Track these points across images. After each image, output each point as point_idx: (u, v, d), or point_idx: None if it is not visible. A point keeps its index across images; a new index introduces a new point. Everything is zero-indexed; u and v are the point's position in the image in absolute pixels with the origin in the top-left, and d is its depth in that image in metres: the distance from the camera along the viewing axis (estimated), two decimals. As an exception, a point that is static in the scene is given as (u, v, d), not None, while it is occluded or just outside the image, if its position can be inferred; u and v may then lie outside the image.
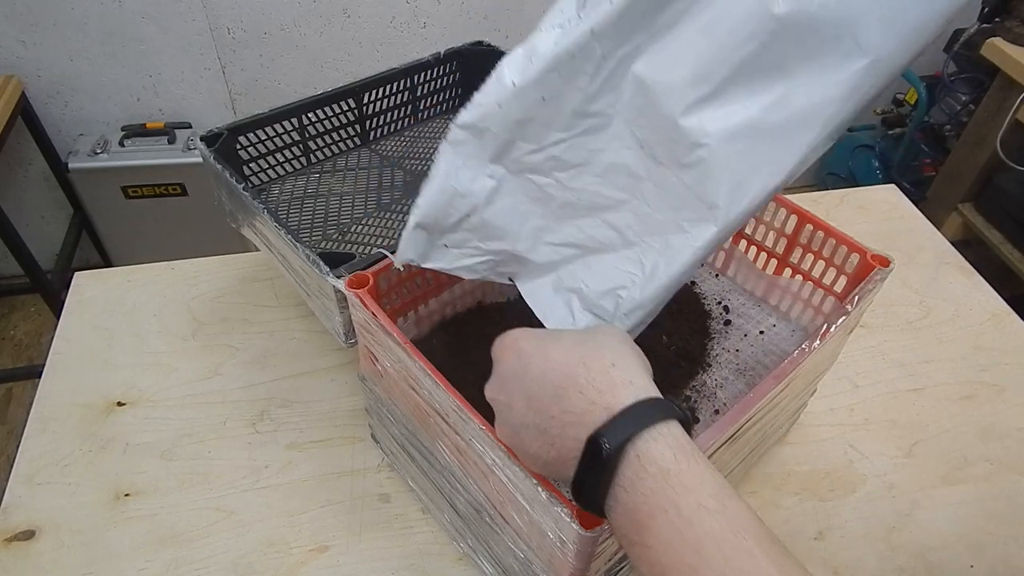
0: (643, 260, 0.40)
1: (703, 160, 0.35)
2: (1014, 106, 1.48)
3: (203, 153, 0.65)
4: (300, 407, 0.67)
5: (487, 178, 0.39)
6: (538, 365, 0.34)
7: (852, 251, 0.53)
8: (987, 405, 0.69)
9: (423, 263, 0.42)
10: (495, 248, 0.42)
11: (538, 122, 0.37)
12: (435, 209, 0.40)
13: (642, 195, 0.39)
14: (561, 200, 0.40)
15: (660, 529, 0.29)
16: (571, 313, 0.42)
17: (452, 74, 0.87)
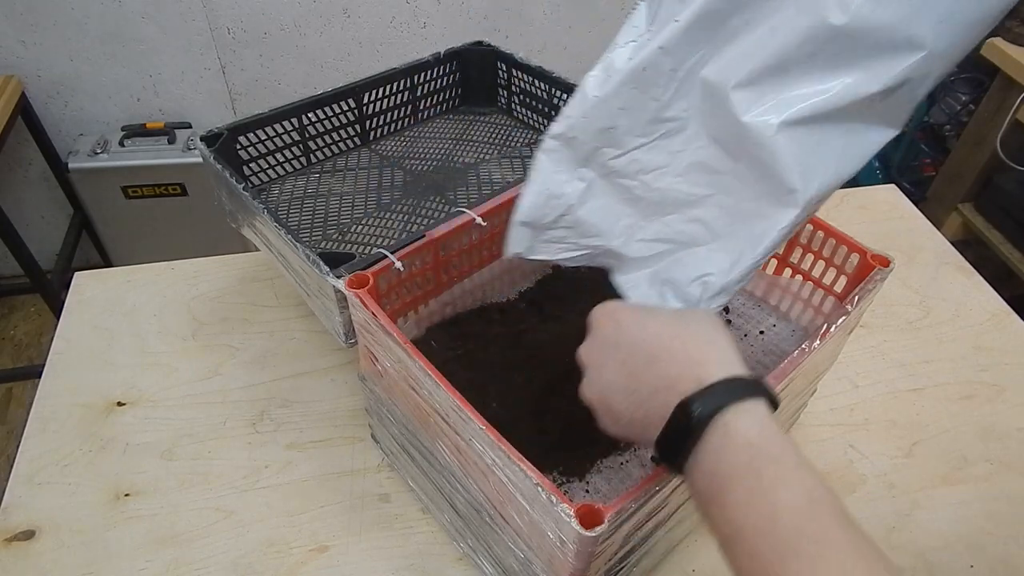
0: (729, 249, 0.43)
1: (773, 152, 0.38)
2: (1014, 106, 1.48)
3: (203, 153, 0.65)
4: (300, 407, 0.67)
5: (578, 181, 0.44)
6: (635, 333, 0.37)
7: (852, 251, 0.53)
8: (987, 405, 0.69)
9: (528, 256, 0.47)
10: (591, 244, 0.46)
11: (620, 130, 0.41)
12: (534, 209, 0.44)
13: (724, 188, 0.42)
14: (648, 200, 0.44)
15: (739, 493, 0.31)
16: (664, 302, 0.46)
17: (452, 74, 0.87)
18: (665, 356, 0.35)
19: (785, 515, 0.29)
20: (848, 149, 0.39)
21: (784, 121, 0.38)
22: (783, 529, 0.29)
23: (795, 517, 0.29)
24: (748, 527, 0.30)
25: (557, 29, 1.81)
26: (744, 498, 0.30)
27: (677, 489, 0.41)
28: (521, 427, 0.52)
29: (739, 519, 0.30)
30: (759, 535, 0.29)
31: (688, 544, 0.57)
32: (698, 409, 0.32)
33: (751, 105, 0.38)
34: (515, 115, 0.88)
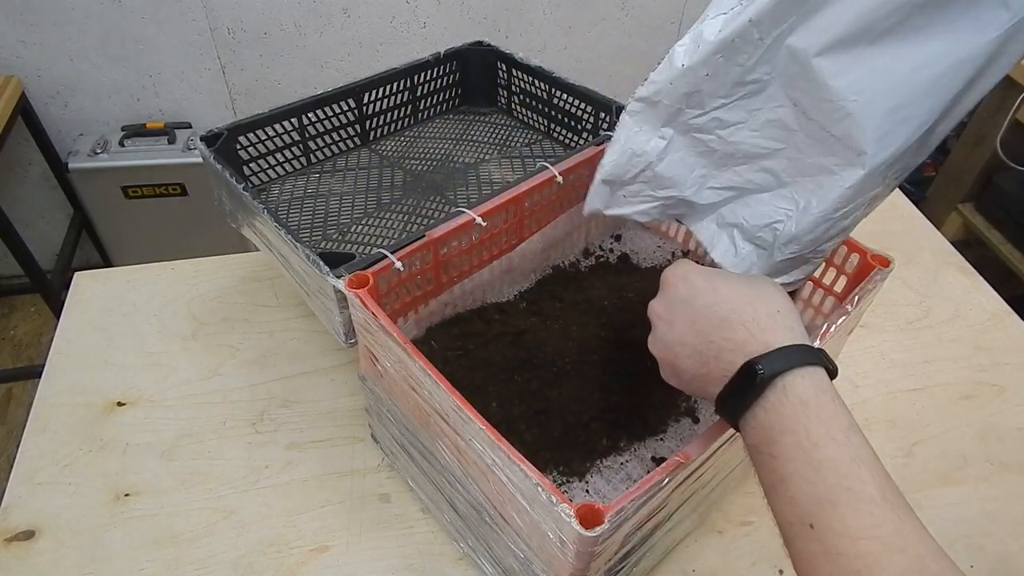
0: (796, 197, 0.45)
1: (851, 115, 0.40)
2: (1014, 106, 1.49)
3: (203, 153, 0.65)
4: (300, 407, 0.67)
5: (659, 139, 0.47)
6: (707, 296, 0.40)
7: (852, 251, 0.53)
8: (987, 405, 0.69)
9: (606, 211, 0.50)
10: (666, 195, 0.49)
11: (703, 93, 0.44)
12: (616, 168, 0.48)
13: (795, 144, 0.44)
14: (722, 152, 0.47)
15: (788, 445, 0.34)
16: (733, 244, 0.49)
17: (452, 74, 0.87)
18: (735, 320, 0.38)
19: (827, 468, 0.32)
20: (925, 114, 0.39)
21: (870, 87, 0.39)
22: (823, 480, 0.32)
23: (836, 471, 0.32)
24: (792, 475, 0.33)
25: (557, 29, 1.81)
26: (792, 451, 0.33)
27: (677, 489, 0.41)
28: (521, 427, 0.52)
29: (785, 468, 0.33)
30: (801, 483, 0.32)
31: (688, 544, 0.57)
32: (762, 370, 0.35)
33: (833, 71, 0.40)
34: (515, 115, 0.88)
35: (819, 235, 0.45)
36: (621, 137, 0.47)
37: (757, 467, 0.36)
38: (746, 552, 0.57)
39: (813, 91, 0.41)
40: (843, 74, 0.39)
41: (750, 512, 0.60)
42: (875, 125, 0.40)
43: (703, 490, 0.49)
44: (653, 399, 0.55)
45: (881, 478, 0.32)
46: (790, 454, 0.33)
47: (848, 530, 0.30)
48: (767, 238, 0.47)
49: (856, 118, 0.40)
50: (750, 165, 0.47)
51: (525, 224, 0.61)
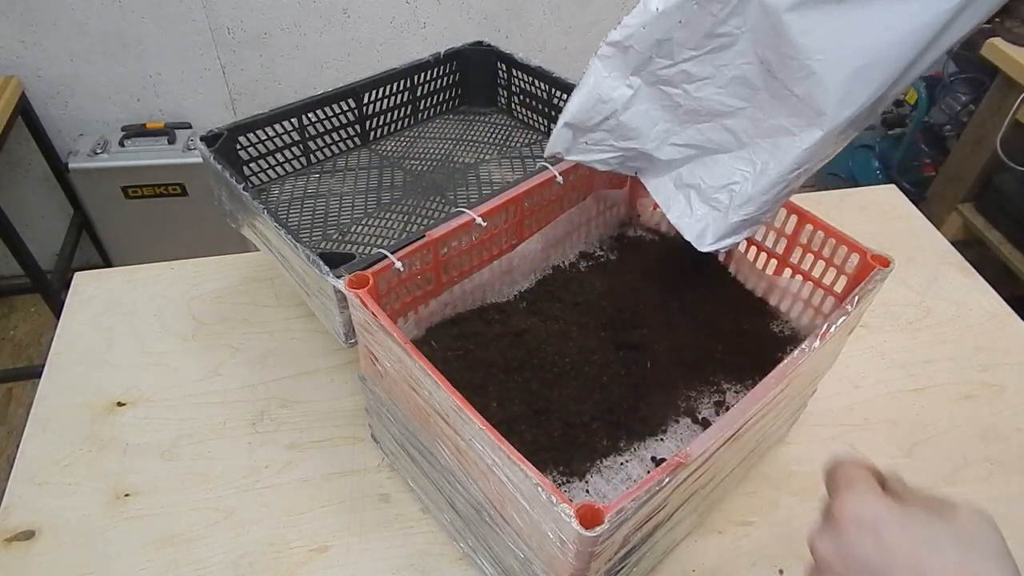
0: (754, 159, 0.46)
1: (815, 74, 0.40)
2: (1014, 106, 1.48)
3: (203, 153, 0.65)
4: (300, 407, 0.67)
5: (626, 87, 0.46)
6: (906, 572, 0.31)
7: (852, 251, 0.53)
8: (987, 405, 0.69)
9: (567, 156, 0.50)
10: (627, 146, 0.49)
11: (675, 42, 0.44)
12: (581, 112, 0.47)
13: (758, 103, 0.45)
14: (686, 107, 0.47)
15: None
16: (689, 204, 0.50)
17: (452, 74, 0.87)
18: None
19: None
20: (885, 76, 0.40)
21: (835, 47, 0.39)
22: None
23: None
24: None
25: (557, 29, 1.81)
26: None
27: (677, 489, 0.41)
28: (521, 427, 0.52)
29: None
30: None
31: (688, 544, 0.57)
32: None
33: (801, 28, 0.40)
34: (515, 115, 0.88)
35: (773, 196, 0.46)
36: (589, 81, 0.47)
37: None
38: (746, 552, 0.57)
39: (781, 47, 0.41)
40: (811, 31, 0.40)
41: (750, 512, 0.60)
42: (837, 86, 0.40)
43: (703, 490, 0.49)
44: (653, 399, 0.55)
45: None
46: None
47: None
48: (723, 199, 0.48)
49: (820, 77, 0.40)
50: (713, 123, 0.47)
51: (525, 224, 0.61)
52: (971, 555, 0.31)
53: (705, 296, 0.62)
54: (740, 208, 0.47)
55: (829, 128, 0.41)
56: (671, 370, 0.57)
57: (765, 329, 0.61)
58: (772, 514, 0.60)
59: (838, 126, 0.41)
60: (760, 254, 0.62)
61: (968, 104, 1.73)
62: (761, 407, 0.43)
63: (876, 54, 0.39)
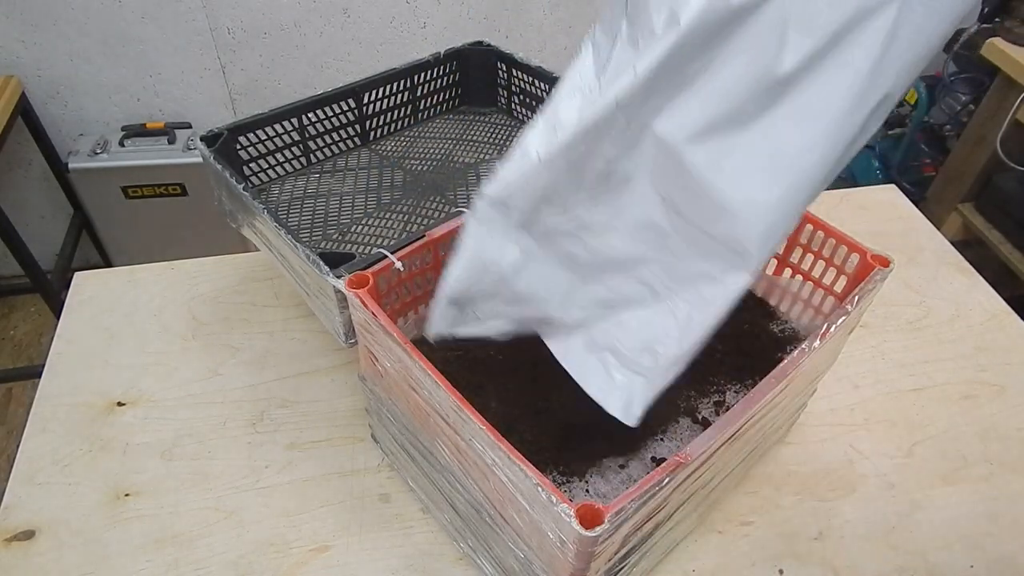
0: (676, 314, 0.40)
1: (730, 212, 0.35)
2: (1014, 106, 1.49)
3: (203, 153, 0.65)
4: (300, 407, 0.67)
5: (515, 247, 0.40)
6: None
7: (852, 251, 0.53)
8: (987, 405, 0.69)
9: (455, 333, 0.43)
10: (525, 314, 0.43)
11: (562, 189, 0.38)
12: (465, 284, 0.41)
13: (669, 249, 0.39)
14: (589, 262, 0.41)
15: None
16: (608, 373, 0.42)
17: (452, 74, 0.87)
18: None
19: None
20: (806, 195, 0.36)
21: (749, 177, 0.35)
22: None
23: None
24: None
25: (557, 29, 1.81)
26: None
27: (677, 489, 0.41)
28: (521, 427, 0.52)
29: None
30: None
31: (688, 544, 0.57)
32: None
33: (706, 161, 0.35)
34: (515, 115, 0.88)
35: (699, 347, 0.40)
36: (469, 246, 0.40)
37: None
38: (746, 552, 0.57)
39: (686, 185, 0.36)
40: (717, 165, 0.35)
41: (750, 512, 0.60)
42: (758, 220, 0.35)
43: (703, 490, 0.49)
44: (653, 399, 0.55)
45: None
46: None
47: None
48: (646, 363, 0.41)
49: (737, 215, 0.35)
50: (623, 276, 0.41)
51: (525, 224, 0.61)
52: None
53: None
54: (668, 370, 0.40)
55: (755, 268, 0.36)
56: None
57: (765, 329, 0.61)
58: (772, 514, 0.60)
59: (764, 262, 0.36)
60: (760, 254, 0.62)
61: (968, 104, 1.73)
62: (761, 407, 0.43)
63: (798, 179, 0.34)
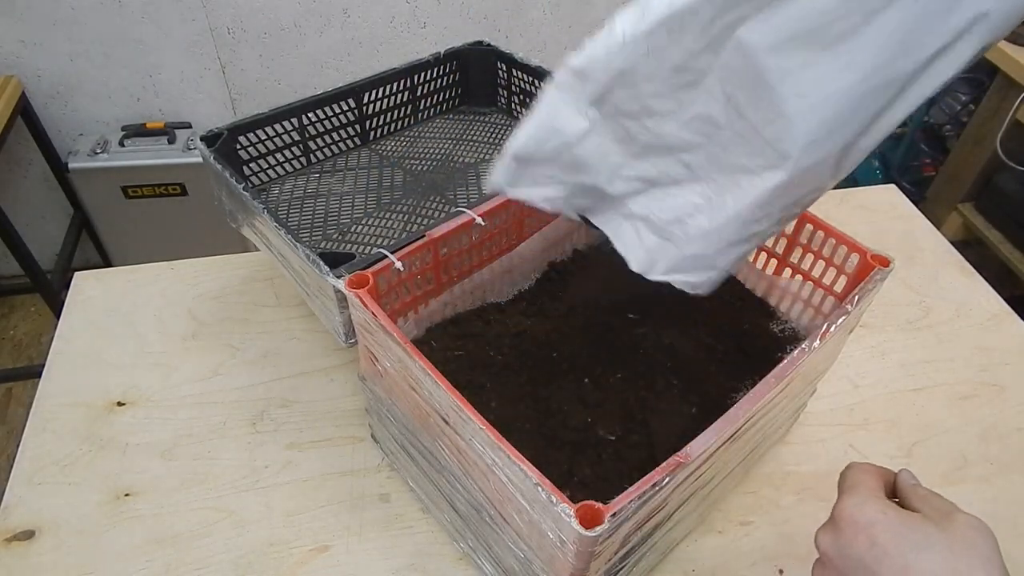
0: (711, 193, 0.43)
1: (786, 118, 0.38)
2: (1014, 106, 1.49)
3: (203, 153, 0.65)
4: (300, 407, 0.67)
5: (583, 119, 0.42)
6: (893, 573, 0.34)
7: (852, 251, 0.53)
8: (987, 405, 0.69)
9: (510, 190, 0.45)
10: (576, 180, 0.45)
11: (638, 74, 0.40)
12: (532, 143, 0.43)
13: (719, 141, 0.42)
14: (643, 142, 0.43)
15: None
16: (638, 235, 0.46)
17: (452, 74, 0.87)
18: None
19: None
20: (857, 124, 0.38)
21: (811, 93, 0.37)
22: None
23: None
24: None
25: (557, 29, 1.81)
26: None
27: (677, 489, 0.41)
28: (521, 427, 0.52)
29: None
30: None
31: (688, 544, 0.57)
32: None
33: (778, 70, 0.37)
34: (515, 115, 0.88)
35: (728, 237, 0.43)
36: (543, 110, 0.43)
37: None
38: (746, 552, 0.57)
39: (754, 88, 0.38)
40: (790, 75, 0.37)
41: (750, 512, 0.60)
42: (807, 131, 0.38)
43: (703, 490, 0.49)
44: (652, 399, 0.55)
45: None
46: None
47: None
48: (676, 232, 0.44)
49: (791, 121, 0.38)
50: (670, 158, 0.44)
51: (525, 224, 0.61)
52: (960, 561, 0.33)
53: (705, 296, 0.62)
54: (694, 242, 0.43)
55: (792, 172, 0.39)
56: (670, 370, 0.57)
57: (765, 329, 0.61)
58: (772, 514, 0.60)
59: (801, 171, 0.39)
60: (760, 254, 0.62)
61: (968, 104, 1.73)
62: (761, 407, 0.44)
63: (848, 104, 0.37)
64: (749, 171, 0.41)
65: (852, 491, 0.39)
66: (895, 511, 0.37)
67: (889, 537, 0.35)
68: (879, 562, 0.35)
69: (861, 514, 0.37)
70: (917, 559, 0.34)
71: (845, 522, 0.37)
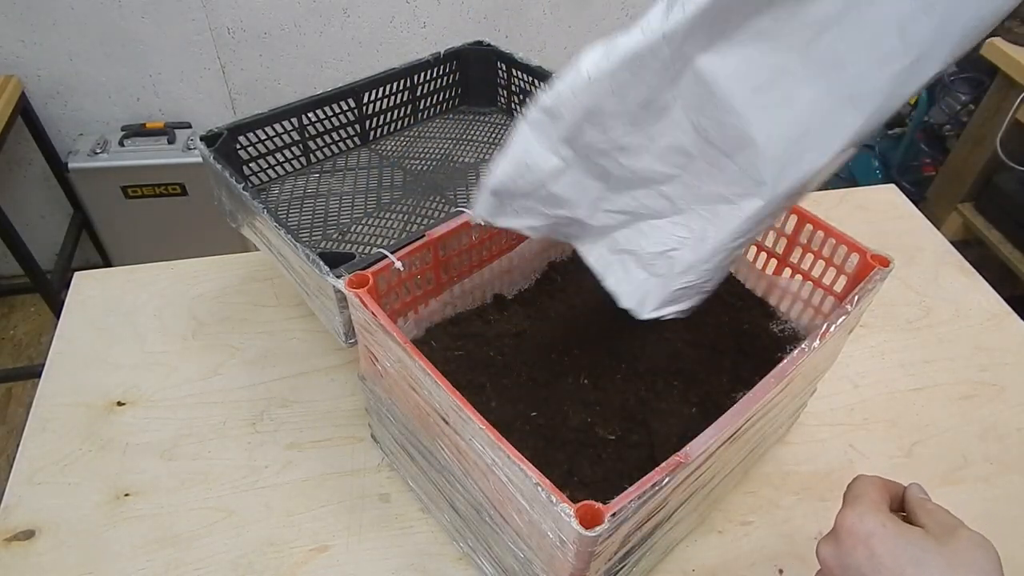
0: (692, 225, 0.44)
1: (754, 144, 0.39)
2: (1014, 106, 1.48)
3: (203, 153, 0.65)
4: (300, 407, 0.67)
5: (556, 157, 0.43)
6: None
7: (852, 251, 0.53)
8: (987, 405, 0.69)
9: (494, 221, 0.47)
10: (558, 214, 0.46)
11: (606, 112, 0.41)
12: (507, 179, 0.44)
13: (694, 171, 0.43)
14: (619, 176, 0.45)
15: None
16: (626, 271, 0.48)
17: (452, 74, 0.87)
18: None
19: None
20: (829, 144, 0.39)
21: (775, 117, 0.38)
22: None
23: None
24: None
25: (557, 29, 1.81)
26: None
27: (677, 489, 0.41)
28: (521, 427, 0.52)
29: None
30: None
31: (688, 544, 0.57)
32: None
33: (740, 96, 0.39)
34: (515, 115, 0.88)
35: (714, 265, 0.44)
36: (517, 148, 0.44)
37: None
38: (746, 552, 0.57)
39: (718, 115, 0.40)
40: (752, 100, 0.38)
41: (750, 512, 0.60)
42: (777, 155, 0.39)
43: (703, 490, 0.49)
44: (652, 398, 0.55)
45: None
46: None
47: None
48: (662, 266, 0.46)
49: (761, 148, 0.39)
50: (647, 190, 0.45)
51: (525, 224, 0.61)
52: (959, 567, 0.34)
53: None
54: (681, 276, 0.45)
55: (769, 198, 0.40)
56: (670, 370, 0.57)
57: (765, 329, 0.61)
58: (772, 514, 0.60)
59: (778, 196, 0.40)
60: (760, 254, 0.62)
61: (968, 104, 1.73)
62: (761, 407, 0.44)
63: (816, 123, 0.38)
64: (727, 200, 0.42)
65: (855, 502, 0.39)
66: (895, 524, 0.37)
67: (887, 550, 0.36)
68: (877, 573, 0.35)
69: (861, 525, 0.37)
70: (914, 574, 0.34)
71: (846, 532, 0.38)
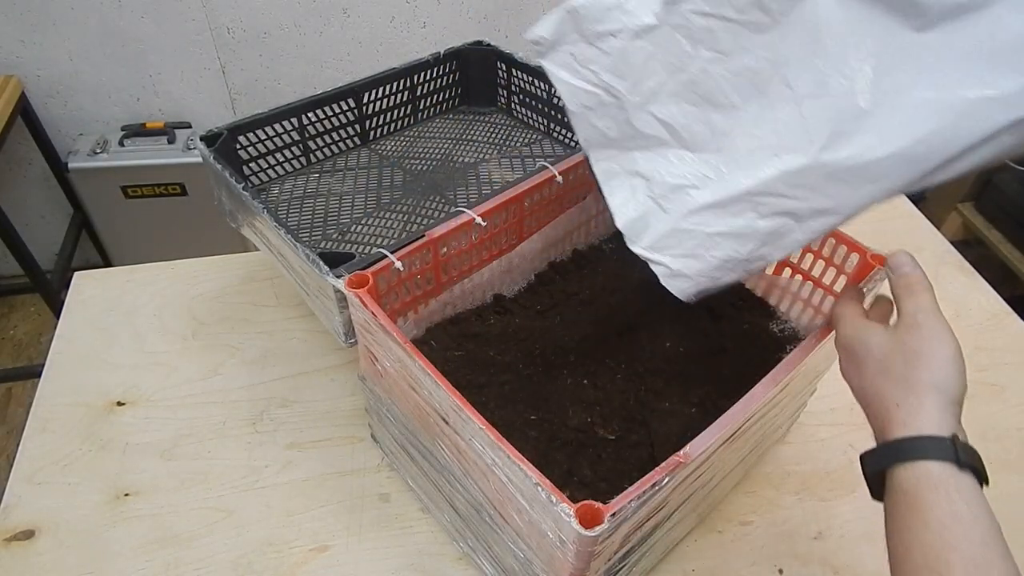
0: (722, 168, 0.42)
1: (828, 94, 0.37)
2: (1014, 106, 1.48)
3: (203, 153, 0.65)
4: (300, 407, 0.67)
5: (651, 13, 0.41)
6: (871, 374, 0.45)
7: (852, 251, 0.53)
8: (987, 405, 0.69)
9: (544, 53, 0.43)
10: (610, 84, 0.43)
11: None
12: (594, 4, 0.41)
13: (753, 110, 0.41)
14: (688, 75, 0.42)
15: (890, 524, 0.38)
16: (633, 194, 0.45)
17: (452, 74, 0.87)
18: (876, 403, 0.44)
19: (916, 551, 0.36)
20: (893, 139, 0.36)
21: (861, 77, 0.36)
22: (911, 563, 0.36)
23: (924, 555, 0.36)
24: (893, 551, 0.37)
25: (557, 29, 1.80)
26: (892, 529, 0.37)
27: (677, 489, 0.41)
28: (521, 427, 0.52)
29: (891, 543, 0.38)
30: (897, 561, 0.37)
31: (688, 544, 0.57)
32: (870, 465, 0.40)
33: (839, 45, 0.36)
34: (515, 115, 0.88)
35: (725, 220, 0.41)
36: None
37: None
38: (746, 552, 0.57)
39: (815, 54, 0.37)
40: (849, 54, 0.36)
41: (750, 512, 0.60)
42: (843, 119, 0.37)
43: (703, 490, 0.49)
44: (652, 398, 0.55)
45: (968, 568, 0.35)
46: (892, 532, 0.37)
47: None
48: (673, 201, 0.43)
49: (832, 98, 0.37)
50: (700, 109, 0.42)
51: (525, 224, 0.61)
52: (917, 365, 0.42)
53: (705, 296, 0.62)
54: (688, 216, 0.42)
55: (813, 159, 0.38)
56: (670, 369, 0.57)
57: (765, 329, 0.61)
58: (772, 514, 0.60)
59: (823, 164, 0.38)
60: (760, 254, 0.62)
61: (968, 104, 1.73)
62: (761, 407, 0.44)
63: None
64: (771, 149, 0.40)
65: (839, 321, 0.45)
66: (857, 329, 0.45)
67: (865, 353, 0.45)
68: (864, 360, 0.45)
69: (860, 334, 0.45)
70: (876, 369, 0.45)
71: (841, 348, 0.45)
